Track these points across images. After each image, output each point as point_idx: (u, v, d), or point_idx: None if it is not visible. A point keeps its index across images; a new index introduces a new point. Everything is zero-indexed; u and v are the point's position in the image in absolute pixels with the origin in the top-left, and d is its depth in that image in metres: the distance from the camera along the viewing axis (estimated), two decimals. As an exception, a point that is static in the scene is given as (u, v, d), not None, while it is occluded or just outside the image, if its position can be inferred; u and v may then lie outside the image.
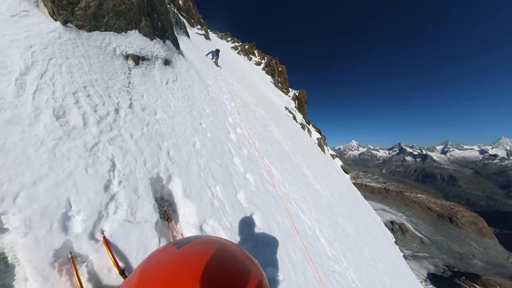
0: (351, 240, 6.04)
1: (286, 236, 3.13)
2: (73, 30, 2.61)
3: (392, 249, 13.22)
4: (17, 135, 1.44)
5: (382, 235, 13.57)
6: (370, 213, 16.82)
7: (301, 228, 3.88)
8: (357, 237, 6.94)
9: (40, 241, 1.16)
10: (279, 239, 2.91)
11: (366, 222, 11.38)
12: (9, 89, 1.59)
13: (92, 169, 1.63)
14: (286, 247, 2.94)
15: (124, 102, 2.52)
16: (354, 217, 9.46)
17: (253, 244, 2.45)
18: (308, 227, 4.31)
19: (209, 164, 2.94)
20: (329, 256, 3.95)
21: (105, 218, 1.51)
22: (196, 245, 0.45)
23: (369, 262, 5.98)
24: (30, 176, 1.33)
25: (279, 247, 2.79)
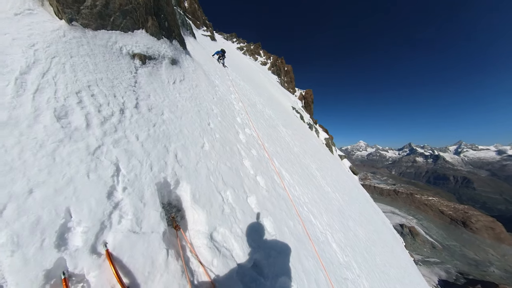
0: (363, 245, 5.87)
1: (298, 242, 3.01)
2: (78, 29, 2.53)
3: (402, 254, 12.71)
4: (14, 138, 1.32)
5: (392, 239, 13.07)
6: (380, 216, 16.29)
7: (313, 233, 3.74)
8: (368, 242, 6.73)
9: (29, 260, 1.02)
10: (291, 246, 2.77)
11: (376, 225, 11.01)
12: (8, 89, 1.49)
13: (94, 175, 1.49)
14: (299, 254, 2.82)
15: (130, 102, 2.40)
16: (364, 220, 9.18)
17: (266, 253, 2.30)
18: (320, 232, 4.17)
19: (218, 167, 2.78)
20: (341, 263, 3.84)
21: (108, 229, 1.36)
22: None
23: (381, 269, 5.82)
24: (26, 183, 1.20)
25: (292, 255, 2.65)
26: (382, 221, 15.43)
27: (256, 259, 2.08)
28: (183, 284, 1.42)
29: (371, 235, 8.02)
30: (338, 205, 7.22)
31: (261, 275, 1.98)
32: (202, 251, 1.78)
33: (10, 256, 0.99)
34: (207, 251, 1.79)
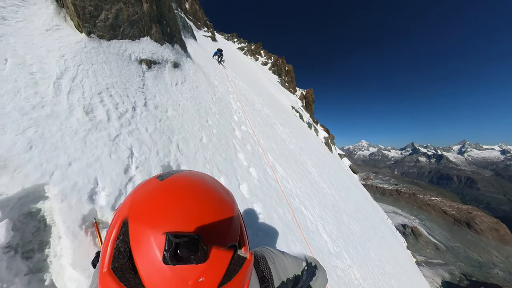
0: (356, 239, 5.94)
1: (286, 228, 3.21)
2: (95, 40, 2.97)
3: (401, 252, 12.84)
4: (56, 127, 1.76)
5: (391, 237, 13.24)
6: (379, 215, 16.43)
7: (302, 222, 3.89)
8: (363, 237, 6.73)
9: (73, 207, 1.45)
10: (279, 230, 3.00)
11: (373, 223, 11.15)
12: (49, 90, 1.93)
13: (114, 155, 1.93)
14: (286, 238, 3.02)
15: (140, 101, 2.85)
16: (360, 217, 9.29)
17: (253, 232, 2.59)
18: (310, 222, 4.28)
19: (214, 157, 3.20)
20: (331, 252, 3.92)
21: (124, 196, 1.79)
22: (177, 176, 0.51)
23: (375, 263, 5.86)
24: (66, 158, 1.64)
25: (279, 237, 2.88)
26: (381, 220, 15.60)
27: (242, 237, 2.47)
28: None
29: (366, 230, 8.08)
30: (332, 200, 7.35)
31: None
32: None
33: (60, 202, 1.43)
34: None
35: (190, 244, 0.34)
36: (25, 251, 1.38)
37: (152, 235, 0.37)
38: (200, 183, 0.50)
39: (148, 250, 0.36)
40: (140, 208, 0.42)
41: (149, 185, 0.49)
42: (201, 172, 0.59)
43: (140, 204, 0.43)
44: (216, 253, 0.38)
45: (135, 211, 0.42)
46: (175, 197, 0.43)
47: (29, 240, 1.40)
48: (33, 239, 1.42)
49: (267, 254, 0.75)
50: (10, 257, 1.31)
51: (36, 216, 1.44)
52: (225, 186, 0.56)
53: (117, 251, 0.39)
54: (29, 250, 1.39)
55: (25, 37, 2.19)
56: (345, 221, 6.57)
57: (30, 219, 1.43)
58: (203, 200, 0.44)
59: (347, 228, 6.24)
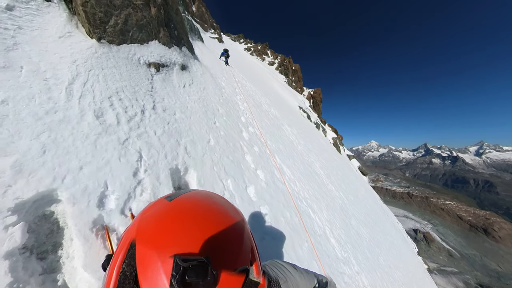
0: (365, 245, 5.78)
1: (293, 232, 3.17)
2: (105, 45, 3.05)
3: (412, 259, 12.36)
4: (68, 131, 1.81)
5: (402, 243, 12.77)
6: (390, 219, 15.92)
7: (310, 226, 3.83)
8: (372, 242, 6.55)
9: (83, 211, 1.49)
10: (286, 234, 2.97)
11: (383, 227, 10.81)
12: (61, 95, 2.00)
13: (124, 159, 1.97)
14: (293, 242, 2.97)
15: (149, 104, 2.90)
16: (370, 221, 9.04)
17: (260, 236, 2.57)
18: (318, 226, 4.20)
19: (221, 159, 3.21)
20: (338, 258, 3.83)
21: (133, 199, 1.82)
22: (185, 197, 0.50)
23: (385, 270, 5.67)
24: (78, 162, 1.68)
25: (286, 242, 2.84)
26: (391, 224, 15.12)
27: (249, 240, 2.44)
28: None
29: (376, 235, 7.84)
30: (341, 203, 7.20)
31: None
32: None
33: (72, 206, 1.47)
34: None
35: (199, 268, 0.32)
36: (40, 252, 1.42)
37: (159, 258, 0.35)
38: (209, 203, 0.49)
39: (154, 274, 0.35)
40: (148, 230, 0.41)
41: (158, 206, 0.48)
42: (210, 191, 0.58)
43: (148, 225, 0.42)
44: (227, 278, 0.36)
45: (143, 233, 0.41)
46: (182, 219, 0.41)
47: (43, 242, 1.45)
48: (47, 241, 1.46)
49: (278, 271, 0.72)
50: (26, 257, 1.36)
51: (50, 219, 1.49)
52: (234, 205, 0.55)
53: (122, 275, 0.38)
54: (43, 251, 1.43)
55: (40, 45, 2.27)
56: (353, 225, 6.41)
57: (44, 221, 1.47)
58: (211, 221, 0.42)
59: (356, 232, 6.07)
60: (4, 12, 2.26)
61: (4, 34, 2.09)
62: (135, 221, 0.47)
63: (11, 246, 1.26)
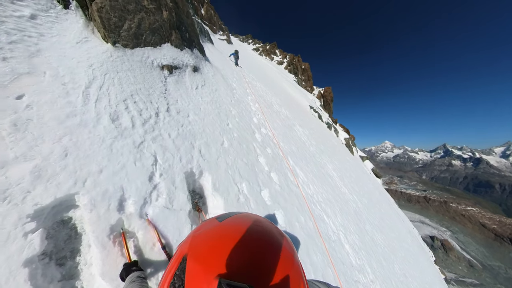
0: (380, 251, 5.59)
1: (308, 237, 3.10)
2: (120, 49, 3.10)
3: (429, 268, 11.67)
4: (86, 135, 1.81)
5: (418, 251, 12.10)
6: (405, 224, 15.17)
7: (324, 231, 3.75)
8: (387, 249, 6.33)
9: (101, 217, 1.46)
10: (301, 239, 2.90)
11: (399, 233, 10.31)
12: (78, 100, 2.01)
13: (139, 163, 1.94)
14: (308, 248, 2.91)
15: (163, 107, 2.89)
16: (385, 226, 8.67)
17: None
18: (332, 231, 4.11)
19: (236, 162, 3.14)
20: (353, 265, 3.73)
21: (149, 204, 1.78)
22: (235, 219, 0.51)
23: (400, 279, 5.44)
24: (97, 165, 1.67)
25: (300, 248, 2.78)
26: (407, 230, 14.41)
27: (264, 245, 2.36)
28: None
29: (391, 242, 7.55)
30: (355, 207, 7.00)
31: None
32: (219, 231, 2.12)
33: (90, 212, 1.45)
34: (224, 231, 2.12)
35: None
36: (58, 258, 1.41)
37: (205, 277, 0.37)
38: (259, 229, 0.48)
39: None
40: (198, 247, 0.43)
41: (209, 225, 0.50)
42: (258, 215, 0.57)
43: (199, 243, 0.44)
44: None
45: (194, 249, 0.43)
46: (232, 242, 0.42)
47: (61, 248, 1.43)
48: (65, 247, 1.45)
49: None
50: (45, 264, 1.35)
51: (68, 224, 1.47)
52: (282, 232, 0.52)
53: (172, 286, 0.40)
54: (62, 257, 1.42)
55: (58, 50, 2.32)
56: (368, 231, 6.18)
57: (63, 227, 1.46)
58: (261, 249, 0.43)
59: (371, 238, 5.85)
60: (28, 20, 2.33)
61: (28, 41, 2.15)
62: (188, 236, 0.49)
63: (30, 253, 1.25)
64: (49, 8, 2.67)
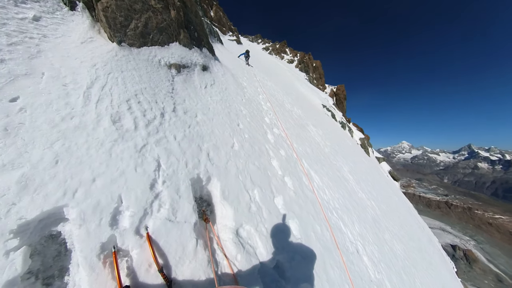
0: (400, 264, 5.18)
1: (324, 250, 2.87)
2: (126, 48, 3.01)
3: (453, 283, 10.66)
4: (83, 138, 1.66)
5: (440, 262, 11.11)
6: (425, 233, 14.05)
7: (341, 242, 3.50)
8: (407, 261, 5.85)
9: (91, 233, 1.28)
10: (317, 252, 2.67)
11: (420, 243, 9.51)
12: (78, 100, 1.88)
13: (140, 169, 1.75)
14: (324, 262, 2.69)
15: (169, 107, 2.72)
16: (404, 235, 8.04)
17: (289, 256, 2.28)
18: (349, 242, 3.84)
19: (247, 166, 2.90)
20: (372, 280, 3.47)
21: (150, 215, 1.58)
22: None
23: None
24: (90, 173, 1.50)
25: (316, 262, 2.55)
26: (428, 239, 13.35)
27: (278, 261, 2.09)
28: (208, 273, 1.54)
29: (411, 253, 6.99)
30: (373, 214, 6.53)
31: (282, 277, 1.98)
32: (228, 245, 1.88)
33: (78, 228, 1.27)
34: (232, 245, 1.88)
35: None
36: (46, 277, 1.24)
37: None
38: None
39: None
40: None
41: None
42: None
43: None
44: None
45: None
46: None
47: (49, 265, 1.27)
48: (53, 264, 1.28)
49: None
50: (30, 284, 1.18)
51: (57, 239, 1.30)
52: None
53: None
54: (49, 277, 1.25)
55: (62, 51, 2.25)
56: (387, 240, 5.76)
57: (51, 242, 1.29)
58: None
59: (390, 249, 5.44)
60: (30, 22, 2.28)
61: (29, 43, 2.09)
62: None
63: (11, 274, 1.09)
64: (55, 10, 2.64)
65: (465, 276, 53.09)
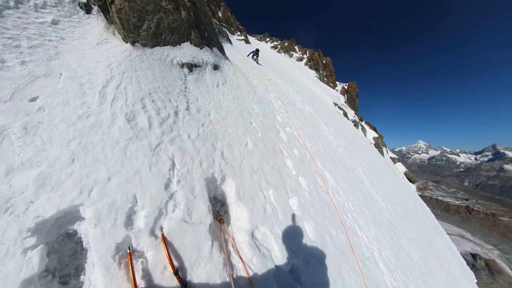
0: (418, 272, 4.93)
1: (340, 254, 2.76)
2: (139, 48, 3.05)
3: None
4: (99, 137, 1.66)
5: (460, 272, 10.38)
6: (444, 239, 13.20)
7: (357, 246, 3.37)
8: (425, 268, 5.55)
9: (106, 233, 1.25)
10: (332, 257, 2.58)
11: (438, 250, 8.93)
12: (94, 99, 1.89)
13: (155, 168, 1.72)
14: (340, 267, 2.58)
15: (182, 105, 2.70)
16: (422, 241, 7.60)
17: (305, 259, 2.19)
18: (365, 246, 3.70)
19: (261, 165, 2.83)
20: (388, 287, 3.31)
21: (165, 216, 1.54)
22: None
23: None
24: (106, 172, 1.48)
25: (332, 267, 2.45)
26: (447, 246, 12.55)
27: (294, 264, 2.00)
28: (223, 276, 1.47)
29: (429, 260, 6.59)
30: (388, 217, 6.22)
31: (297, 282, 1.90)
32: (243, 247, 1.81)
33: (94, 228, 1.25)
34: (248, 248, 1.81)
35: None
36: (62, 275, 1.23)
37: None
38: None
39: None
40: None
41: None
42: None
43: None
44: None
45: None
46: None
47: (66, 264, 1.26)
48: (70, 263, 1.27)
49: None
50: (47, 282, 1.18)
51: (74, 238, 1.29)
52: None
53: None
54: (65, 275, 1.24)
55: (79, 52, 2.28)
56: (404, 246, 5.47)
57: (68, 241, 1.28)
58: None
59: (406, 255, 5.16)
60: (49, 26, 2.35)
61: (47, 45, 2.14)
62: None
63: (28, 273, 1.07)
64: (72, 14, 2.71)
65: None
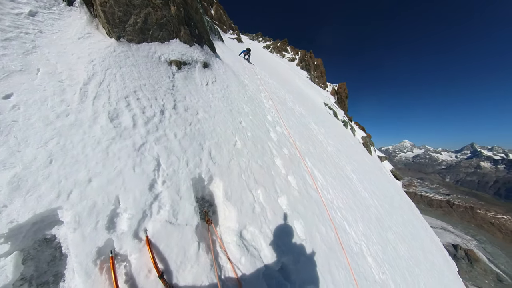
0: (404, 264, 5.15)
1: (329, 251, 2.83)
2: (125, 44, 2.92)
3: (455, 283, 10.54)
4: (79, 136, 1.58)
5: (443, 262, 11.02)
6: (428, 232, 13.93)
7: (346, 242, 3.46)
8: (411, 261, 5.83)
9: (86, 237, 1.21)
10: (322, 254, 2.63)
11: (423, 243, 9.43)
12: (75, 97, 1.80)
13: (139, 168, 1.68)
14: (329, 264, 2.65)
15: (169, 104, 2.64)
16: (407, 234, 7.98)
17: (294, 257, 2.22)
18: (354, 242, 3.81)
19: (250, 165, 2.82)
20: (376, 280, 3.44)
21: (149, 218, 1.50)
22: None
23: None
24: (86, 173, 1.42)
25: (322, 263, 2.50)
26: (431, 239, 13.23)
27: (283, 263, 2.03)
28: (211, 277, 1.46)
29: (415, 253, 6.95)
30: (376, 213, 6.46)
31: (287, 280, 1.92)
32: (231, 248, 1.81)
33: (73, 232, 1.20)
34: (236, 248, 1.81)
35: None
36: (40, 283, 1.17)
37: None
38: None
39: None
40: None
41: None
42: None
43: None
44: None
45: None
46: None
47: (44, 271, 1.20)
48: (48, 270, 1.21)
49: None
50: (23, 291, 1.13)
51: (52, 243, 1.23)
52: None
53: None
54: (43, 283, 1.18)
55: (59, 47, 2.16)
56: (390, 240, 5.73)
57: (46, 247, 1.22)
58: None
59: (393, 248, 5.39)
60: (26, 17, 2.21)
61: (24, 38, 2.01)
62: None
63: (1, 282, 1.02)
64: (51, 6, 2.56)
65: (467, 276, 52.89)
